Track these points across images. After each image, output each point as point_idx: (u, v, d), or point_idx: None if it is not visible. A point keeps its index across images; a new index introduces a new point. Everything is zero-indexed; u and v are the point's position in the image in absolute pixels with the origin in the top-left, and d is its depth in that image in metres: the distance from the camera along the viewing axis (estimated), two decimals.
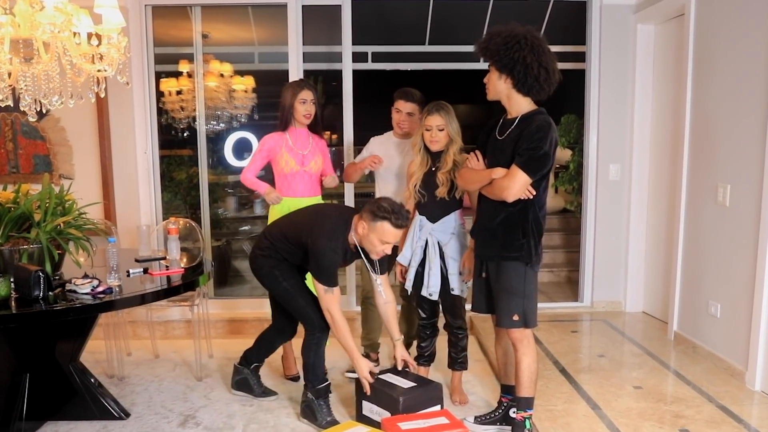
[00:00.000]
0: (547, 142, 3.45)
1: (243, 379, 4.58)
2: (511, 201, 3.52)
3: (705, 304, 5.09)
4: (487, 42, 3.55)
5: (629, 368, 4.91)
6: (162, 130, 6.69)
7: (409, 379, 4.10)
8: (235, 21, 6.98)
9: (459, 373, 4.56)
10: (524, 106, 3.60)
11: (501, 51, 3.48)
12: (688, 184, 5.33)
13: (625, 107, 6.25)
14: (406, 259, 4.33)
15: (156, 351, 5.51)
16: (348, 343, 4.02)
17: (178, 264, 4.32)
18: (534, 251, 3.60)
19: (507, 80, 3.54)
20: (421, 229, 4.25)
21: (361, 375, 4.03)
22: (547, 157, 3.47)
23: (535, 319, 3.70)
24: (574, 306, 6.63)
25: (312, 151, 4.72)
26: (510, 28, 3.51)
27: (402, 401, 3.83)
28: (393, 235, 3.81)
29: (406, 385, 4.00)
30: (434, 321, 4.49)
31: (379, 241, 3.82)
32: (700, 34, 5.17)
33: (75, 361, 4.23)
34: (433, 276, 4.23)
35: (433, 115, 4.11)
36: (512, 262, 3.63)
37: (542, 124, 3.48)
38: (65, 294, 3.66)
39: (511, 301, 3.64)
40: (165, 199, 6.70)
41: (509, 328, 3.67)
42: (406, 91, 4.68)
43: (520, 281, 3.63)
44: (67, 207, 4.01)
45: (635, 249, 6.38)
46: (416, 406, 3.90)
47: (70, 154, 6.06)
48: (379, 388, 3.99)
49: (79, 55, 3.77)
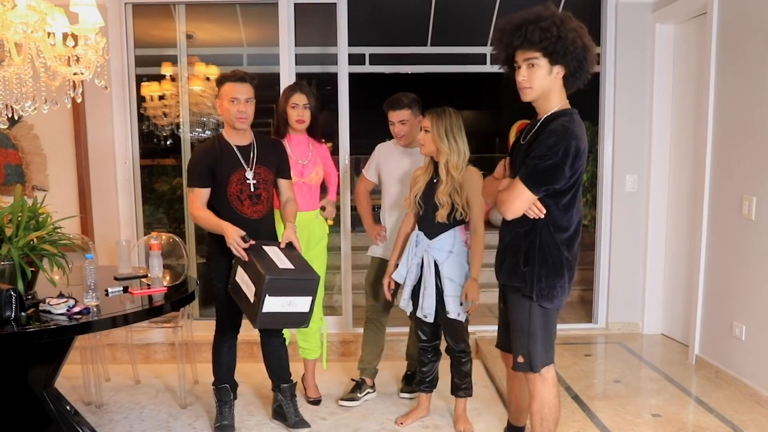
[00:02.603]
0: (560, 150, 3.14)
1: (278, 407, 4.64)
2: (510, 218, 3.32)
3: (729, 325, 5.09)
4: (525, 29, 3.18)
5: (647, 395, 4.91)
6: (143, 138, 6.70)
7: (290, 259, 3.99)
8: (221, 20, 7.00)
9: (463, 401, 4.55)
10: (555, 103, 3.32)
11: (552, 37, 3.14)
12: (711, 196, 5.33)
13: (642, 113, 6.26)
14: (401, 276, 4.37)
15: (137, 376, 5.51)
16: (210, 223, 4.17)
17: (161, 282, 4.32)
18: (541, 284, 3.35)
19: (560, 73, 3.26)
20: (417, 245, 4.29)
21: (228, 240, 4.01)
22: (556, 170, 3.17)
23: (544, 363, 3.49)
24: (588, 328, 6.62)
25: (312, 160, 4.75)
26: (536, 11, 3.21)
27: (268, 280, 3.72)
28: (235, 89, 4.13)
29: (282, 264, 3.91)
30: (436, 344, 4.51)
31: (229, 101, 4.14)
32: (724, 34, 5.18)
33: (49, 387, 4.21)
34: (427, 297, 4.25)
35: (425, 116, 4.25)
36: (516, 294, 3.46)
37: (557, 128, 3.19)
38: (39, 315, 3.64)
39: (516, 338, 3.51)
40: (146, 213, 6.70)
41: (517, 370, 3.54)
42: (393, 100, 4.75)
43: (524, 317, 3.44)
44: (41, 221, 4.00)
45: (654, 266, 6.38)
46: (284, 290, 3.80)
47: (44, 164, 6.05)
48: (254, 258, 3.92)
49: (53, 57, 3.78)
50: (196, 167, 4.22)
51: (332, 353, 6.01)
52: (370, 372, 5.04)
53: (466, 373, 4.46)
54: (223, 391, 4.47)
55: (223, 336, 4.43)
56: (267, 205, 4.33)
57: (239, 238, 3.98)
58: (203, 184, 4.19)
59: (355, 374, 5.08)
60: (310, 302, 3.89)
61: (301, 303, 3.87)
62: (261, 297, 3.72)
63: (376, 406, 4.92)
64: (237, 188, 4.19)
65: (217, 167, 4.18)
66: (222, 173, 4.19)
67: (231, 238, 3.99)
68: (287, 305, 3.83)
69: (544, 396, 3.51)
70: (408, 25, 7.28)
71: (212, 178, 4.19)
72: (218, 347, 4.46)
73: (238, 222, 4.11)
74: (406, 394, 5.06)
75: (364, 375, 5.04)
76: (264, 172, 4.29)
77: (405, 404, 4.93)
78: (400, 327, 5.51)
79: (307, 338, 4.88)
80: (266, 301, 3.73)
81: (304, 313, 3.91)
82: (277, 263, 3.88)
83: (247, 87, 4.18)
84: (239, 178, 4.20)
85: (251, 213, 4.24)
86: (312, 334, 4.88)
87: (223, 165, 4.19)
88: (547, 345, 3.49)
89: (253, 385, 5.19)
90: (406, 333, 5.20)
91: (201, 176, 4.19)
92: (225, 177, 4.18)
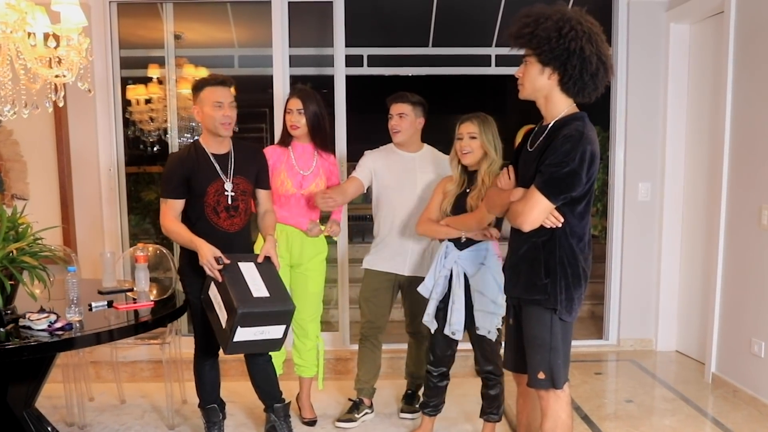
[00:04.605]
0: (576, 156, 3.14)
1: (271, 428, 4.59)
2: (527, 230, 3.29)
3: (747, 342, 5.10)
4: (534, 26, 3.20)
5: (661, 415, 4.92)
6: (129, 144, 6.72)
7: (267, 283, 4.00)
8: (211, 20, 7.02)
9: (491, 425, 4.46)
10: (562, 108, 3.32)
11: (553, 38, 3.16)
12: (728, 206, 5.35)
13: (656, 118, 6.28)
14: (427, 290, 4.30)
15: (122, 395, 5.49)
16: (183, 238, 4.12)
17: (147, 296, 4.32)
18: (562, 295, 3.32)
19: (552, 76, 3.25)
20: (446, 256, 4.22)
21: (202, 260, 3.99)
22: (573, 176, 3.17)
23: (564, 379, 3.45)
24: (599, 344, 6.63)
25: (314, 172, 4.73)
26: (558, 9, 3.22)
27: (240, 314, 3.73)
28: (218, 93, 4.09)
29: (257, 291, 3.91)
30: (442, 370, 4.42)
31: (212, 106, 4.08)
32: (742, 34, 5.19)
33: (30, 407, 4.22)
34: (456, 311, 4.17)
35: (464, 122, 4.17)
36: (535, 308, 3.41)
37: (571, 133, 3.18)
38: (18, 331, 3.65)
39: (535, 354, 3.43)
40: (132, 223, 6.72)
41: (536, 388, 3.47)
42: (397, 94, 4.78)
43: (545, 331, 3.39)
44: (20, 231, 4.00)
45: (668, 279, 6.39)
46: (257, 321, 3.83)
47: (24, 172, 6.06)
48: (228, 282, 3.91)
49: (34, 59, 3.79)
50: (171, 177, 4.16)
51: (329, 371, 5.99)
52: (367, 392, 5.03)
53: (494, 397, 4.36)
54: (211, 411, 4.45)
55: (204, 355, 4.39)
56: (244, 218, 4.31)
57: (213, 259, 3.95)
58: (178, 196, 4.15)
59: (352, 393, 5.06)
60: (283, 330, 3.95)
61: (275, 331, 3.92)
62: (233, 327, 3.76)
63: (375, 427, 4.91)
64: (214, 200, 4.15)
65: (194, 177, 4.14)
66: (198, 184, 4.14)
67: (204, 258, 3.96)
68: (260, 334, 3.89)
69: (558, 414, 3.47)
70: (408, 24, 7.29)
71: (188, 189, 4.15)
72: (200, 367, 4.42)
73: (213, 235, 4.10)
74: (407, 414, 5.04)
75: (361, 395, 5.02)
76: (243, 182, 4.26)
77: (406, 425, 4.91)
78: (399, 344, 5.51)
79: (303, 355, 4.87)
80: (238, 331, 3.79)
81: (277, 339, 3.97)
82: (251, 290, 3.89)
83: (228, 90, 4.17)
84: (217, 189, 4.16)
85: (227, 226, 4.22)
86: (308, 351, 4.86)
87: (199, 175, 4.14)
88: (566, 360, 3.48)
89: (244, 404, 5.19)
90: (404, 350, 5.19)
91: (177, 187, 4.14)
92: (202, 188, 4.13)
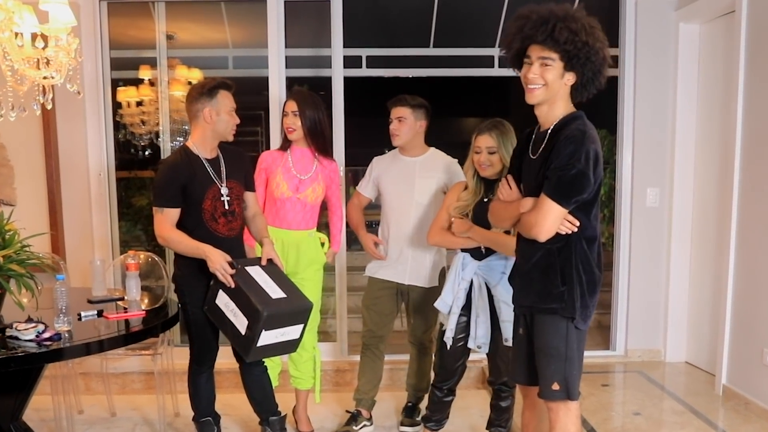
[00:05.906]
0: (581, 157, 3.14)
1: None
2: (543, 239, 3.27)
3: (759, 352, 5.10)
4: (553, 26, 3.16)
5: (670, 428, 4.92)
6: (119, 148, 6.71)
7: (280, 285, 4.03)
8: (205, 19, 7.02)
9: None
10: (561, 111, 3.33)
11: (578, 42, 3.16)
12: (739, 212, 5.35)
13: (664, 121, 6.28)
14: (446, 305, 4.25)
15: (112, 408, 5.50)
16: (187, 247, 4.08)
17: (139, 306, 4.33)
18: (578, 303, 3.32)
19: (569, 79, 3.26)
20: (464, 268, 4.20)
21: (213, 266, 3.98)
22: (582, 177, 3.16)
23: (578, 389, 3.44)
24: (605, 355, 6.62)
25: (313, 177, 4.74)
26: (565, 8, 3.20)
27: (266, 316, 3.78)
28: (232, 100, 4.18)
29: (274, 293, 3.95)
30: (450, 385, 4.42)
31: (228, 113, 4.14)
32: (754, 34, 5.19)
33: (17, 420, 4.22)
34: (480, 324, 4.16)
35: (483, 134, 4.12)
36: (549, 316, 3.38)
37: (573, 134, 3.19)
38: (5, 341, 3.64)
39: (549, 365, 3.39)
40: (123, 230, 6.71)
41: (549, 400, 3.42)
42: (397, 98, 4.81)
43: (560, 340, 3.36)
44: (7, 238, 4.00)
45: (677, 288, 6.39)
46: (279, 322, 3.88)
47: (11, 176, 6.05)
48: (243, 286, 3.93)
49: (21, 60, 3.79)
50: (167, 186, 4.10)
51: (326, 383, 6.00)
52: (366, 403, 5.03)
53: (504, 409, 4.40)
54: (205, 425, 4.45)
55: (201, 366, 4.38)
56: (240, 222, 4.32)
57: (226, 264, 3.96)
58: (175, 204, 4.10)
59: (351, 405, 5.07)
60: (301, 329, 4.00)
61: (293, 331, 3.98)
62: (256, 331, 3.79)
63: None
64: (211, 206, 4.14)
65: (190, 184, 4.10)
66: (195, 191, 4.12)
67: (217, 263, 3.95)
68: (280, 336, 3.93)
69: (567, 428, 3.45)
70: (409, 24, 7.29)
71: (184, 197, 4.12)
72: (195, 379, 4.41)
73: (214, 242, 4.09)
74: (407, 427, 5.05)
75: (360, 406, 5.03)
76: (236, 186, 4.27)
77: None
78: (399, 354, 5.52)
79: (299, 367, 4.87)
80: (262, 335, 3.81)
81: (294, 340, 4.02)
82: (268, 293, 3.92)
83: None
84: (214, 194, 4.16)
85: (227, 231, 4.22)
86: (304, 362, 4.86)
87: (196, 181, 4.12)
88: (581, 370, 3.47)
89: (239, 417, 5.18)
90: (406, 361, 5.19)
91: (174, 196, 4.10)
92: (199, 195, 4.12)
